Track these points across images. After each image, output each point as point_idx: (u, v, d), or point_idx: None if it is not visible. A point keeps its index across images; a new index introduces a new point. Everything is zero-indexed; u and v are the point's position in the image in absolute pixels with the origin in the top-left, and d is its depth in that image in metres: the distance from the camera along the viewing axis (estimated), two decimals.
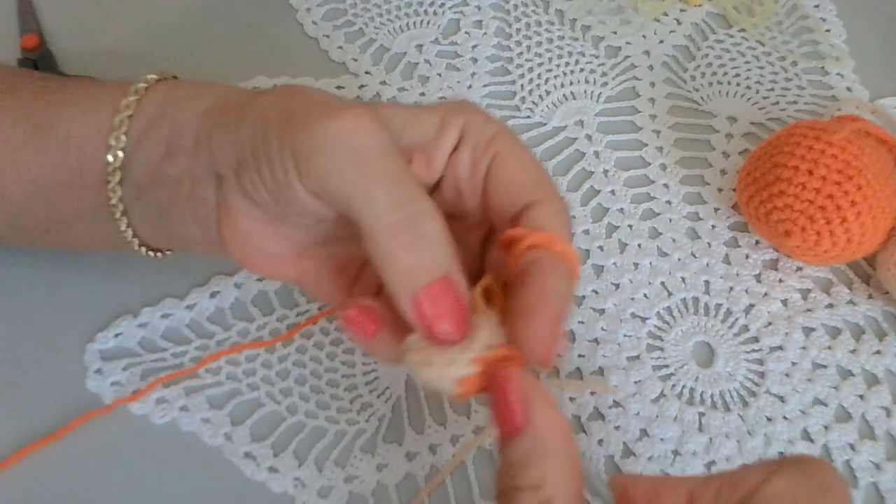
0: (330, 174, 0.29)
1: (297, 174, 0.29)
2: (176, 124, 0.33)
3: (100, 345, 0.41)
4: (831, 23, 0.54)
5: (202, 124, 0.32)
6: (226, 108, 0.32)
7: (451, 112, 0.32)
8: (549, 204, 0.31)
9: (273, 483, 0.38)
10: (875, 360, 0.41)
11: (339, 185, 0.29)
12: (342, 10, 0.55)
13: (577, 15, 0.54)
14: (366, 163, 0.28)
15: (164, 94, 0.34)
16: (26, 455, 0.38)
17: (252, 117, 0.31)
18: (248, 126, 0.30)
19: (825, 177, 0.39)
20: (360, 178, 0.28)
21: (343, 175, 0.28)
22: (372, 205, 0.28)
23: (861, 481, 0.37)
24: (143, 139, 0.34)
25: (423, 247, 0.28)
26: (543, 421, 0.27)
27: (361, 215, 0.28)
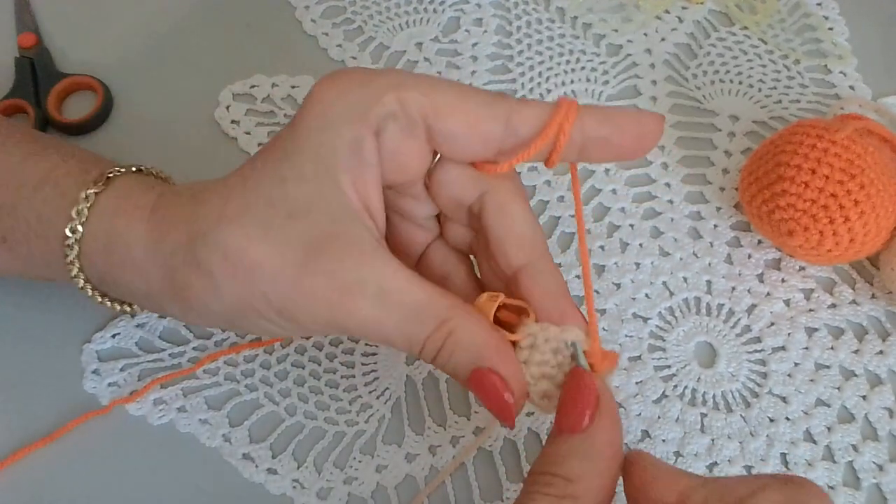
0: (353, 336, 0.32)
1: (305, 334, 0.33)
2: (132, 290, 0.33)
3: (97, 345, 0.41)
4: (834, 21, 0.53)
5: (163, 302, 0.33)
6: (183, 298, 0.32)
7: (347, 108, 0.31)
8: (516, 111, 0.31)
9: (272, 484, 0.37)
10: (878, 361, 0.40)
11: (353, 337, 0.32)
12: (341, 8, 0.54)
13: (578, 12, 0.54)
14: (371, 331, 0.30)
15: (102, 247, 0.33)
16: (23, 456, 0.38)
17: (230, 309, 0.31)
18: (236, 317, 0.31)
19: (828, 176, 0.39)
20: (381, 341, 0.31)
21: (366, 338, 0.32)
22: (402, 350, 0.31)
23: (864, 482, 0.37)
24: (104, 284, 0.34)
25: (453, 364, 0.30)
26: (604, 433, 0.28)
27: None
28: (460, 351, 0.30)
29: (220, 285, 0.30)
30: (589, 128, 0.30)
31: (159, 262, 0.32)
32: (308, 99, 0.31)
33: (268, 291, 0.30)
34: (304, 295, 0.29)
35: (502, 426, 0.34)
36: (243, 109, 0.49)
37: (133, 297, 0.34)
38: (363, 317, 0.30)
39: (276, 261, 0.29)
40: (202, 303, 0.31)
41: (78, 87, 0.50)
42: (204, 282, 0.30)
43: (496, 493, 0.37)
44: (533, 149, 0.30)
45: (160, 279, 0.32)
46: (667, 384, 0.40)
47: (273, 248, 0.30)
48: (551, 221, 0.45)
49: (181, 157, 0.47)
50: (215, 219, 0.31)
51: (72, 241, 0.33)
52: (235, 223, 0.30)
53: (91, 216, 0.33)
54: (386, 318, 0.30)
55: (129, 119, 0.49)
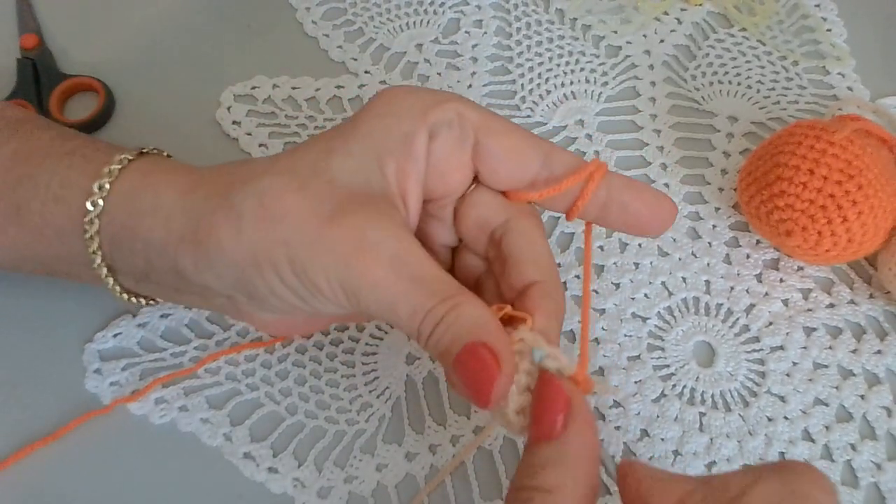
0: (357, 305, 0.31)
1: (313, 302, 0.31)
2: (147, 240, 0.33)
3: (99, 345, 0.41)
4: (832, 22, 0.53)
5: (180, 253, 0.32)
6: (205, 239, 0.31)
7: (403, 117, 0.32)
8: (556, 153, 0.34)
9: (272, 483, 0.37)
10: (876, 360, 0.41)
11: (368, 311, 0.31)
12: (342, 10, 0.55)
13: (578, 14, 0.54)
14: (376, 294, 0.30)
15: (127, 195, 0.33)
16: (25, 455, 0.38)
17: (247, 257, 0.31)
18: (250, 269, 0.31)
19: (826, 176, 0.39)
20: (382, 310, 0.31)
21: (367, 306, 0.30)
22: (400, 326, 0.31)
23: (862, 481, 0.37)
24: (116, 244, 0.34)
25: (451, 332, 0.30)
26: (578, 437, 0.28)
27: (397, 328, 0.32)
28: (460, 323, 0.30)
29: (244, 228, 0.31)
30: (615, 188, 0.33)
31: (188, 207, 0.32)
32: (375, 95, 0.33)
33: (289, 239, 0.30)
34: (324, 246, 0.30)
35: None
36: (244, 110, 0.49)
37: (147, 252, 0.33)
38: (375, 278, 0.30)
39: (306, 212, 0.30)
40: (220, 247, 0.31)
41: (80, 88, 0.50)
42: (230, 224, 0.31)
43: (496, 492, 0.37)
44: (564, 185, 0.33)
45: (183, 223, 0.32)
46: (665, 383, 0.40)
47: (306, 201, 0.31)
48: (551, 221, 0.45)
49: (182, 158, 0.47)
50: (259, 171, 0.32)
51: (96, 197, 0.33)
52: (277, 176, 0.31)
53: (121, 174, 0.33)
54: (396, 282, 0.30)
55: (130, 120, 0.49)
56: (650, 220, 0.33)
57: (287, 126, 0.49)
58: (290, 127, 0.49)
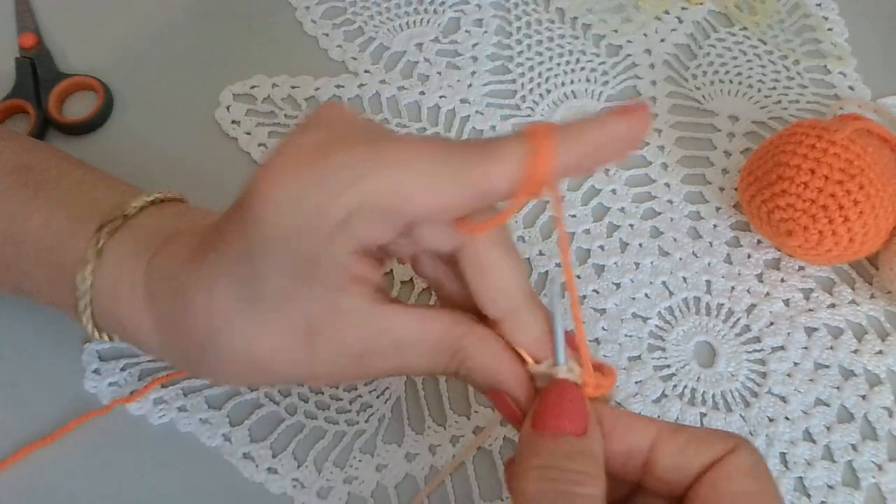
0: None
1: None
2: (130, 325, 0.33)
3: (98, 345, 0.41)
4: (833, 21, 0.53)
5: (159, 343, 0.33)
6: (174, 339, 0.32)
7: None
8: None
9: (272, 484, 0.37)
10: (877, 361, 0.40)
11: None
12: (341, 9, 0.54)
13: (578, 13, 0.54)
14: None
15: (110, 288, 0.33)
16: (24, 456, 0.38)
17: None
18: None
19: (827, 176, 0.39)
20: (398, 374, 0.32)
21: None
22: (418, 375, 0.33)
23: (863, 482, 0.37)
24: (104, 317, 0.34)
25: (470, 380, 0.31)
26: (598, 438, 0.29)
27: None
28: (475, 375, 0.30)
29: (239, 373, 0.31)
30: (565, 157, 0.27)
31: (171, 356, 0.33)
32: (257, 199, 0.27)
33: (288, 373, 0.31)
34: (321, 375, 0.31)
35: (475, 410, 0.36)
36: (244, 110, 0.49)
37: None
38: (383, 369, 0.31)
39: (282, 353, 0.30)
40: (216, 374, 0.32)
41: (78, 88, 0.50)
42: (221, 376, 0.32)
43: (496, 492, 0.37)
44: (507, 215, 0.28)
45: (177, 362, 0.34)
46: (666, 384, 0.40)
47: (276, 343, 0.29)
48: (551, 221, 0.45)
49: (181, 158, 0.47)
50: (211, 327, 0.30)
51: (82, 306, 0.33)
52: (229, 327, 0.30)
53: (93, 297, 0.33)
54: (405, 363, 0.30)
55: (129, 119, 0.49)
56: (614, 154, 0.28)
57: (286, 126, 0.49)
58: (290, 126, 0.49)
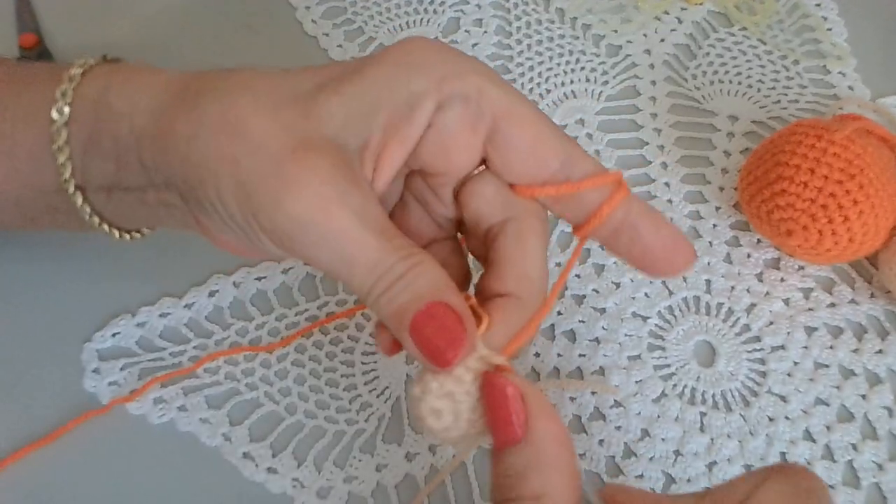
0: (302, 251, 0.28)
1: (270, 242, 0.29)
2: (117, 138, 0.31)
3: (97, 344, 0.41)
4: (833, 21, 0.53)
5: (142, 146, 0.30)
6: (162, 128, 0.30)
7: (417, 72, 0.29)
8: (579, 156, 0.30)
9: (272, 483, 0.37)
10: (877, 360, 0.40)
11: (314, 260, 0.28)
12: (342, 9, 0.55)
13: (578, 13, 0.54)
14: (336, 244, 0.28)
15: (94, 100, 0.32)
16: (24, 455, 0.38)
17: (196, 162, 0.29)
18: (195, 174, 0.29)
19: (827, 176, 0.39)
20: (335, 261, 0.28)
21: (317, 255, 0.28)
22: (355, 278, 0.28)
23: (863, 482, 0.37)
24: (88, 150, 0.32)
25: (407, 286, 0.28)
26: (544, 430, 0.26)
27: (347, 284, 0.28)
28: (421, 282, 0.28)
29: (200, 133, 0.28)
30: (633, 213, 0.30)
31: (156, 105, 0.30)
32: (397, 42, 0.30)
33: (241, 159, 0.28)
34: (281, 181, 0.27)
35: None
36: None
37: (115, 152, 0.31)
38: (336, 225, 0.27)
39: (268, 136, 0.28)
40: (175, 145, 0.29)
41: None
42: (189, 124, 0.29)
43: None
44: (581, 185, 0.30)
45: (148, 117, 0.30)
46: (666, 383, 0.40)
47: (272, 126, 0.28)
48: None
49: None
50: (237, 84, 0.29)
51: (61, 104, 0.31)
52: (252, 94, 0.29)
53: (85, 78, 0.32)
54: (359, 233, 0.27)
55: None
56: (661, 258, 0.30)
57: None
58: None
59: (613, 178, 0.30)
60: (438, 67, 0.29)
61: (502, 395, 0.27)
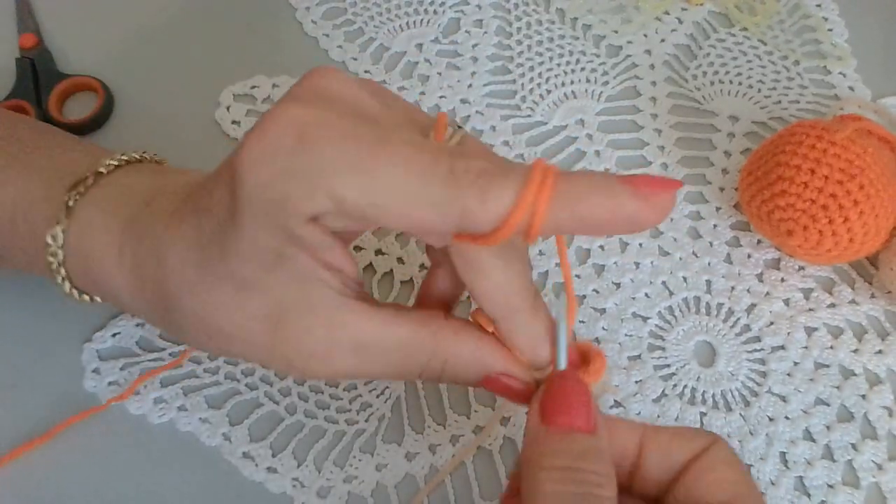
0: None
1: None
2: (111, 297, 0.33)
3: (97, 344, 0.41)
4: (833, 22, 0.53)
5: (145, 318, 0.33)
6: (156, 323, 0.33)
7: None
8: None
9: (272, 483, 0.37)
10: (877, 360, 0.40)
11: None
12: (342, 9, 0.55)
13: (578, 14, 0.54)
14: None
15: (81, 245, 0.33)
16: (22, 454, 0.38)
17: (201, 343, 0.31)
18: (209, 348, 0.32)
19: (827, 176, 0.39)
20: (367, 378, 0.32)
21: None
22: (395, 380, 0.32)
23: (863, 481, 0.37)
24: (79, 275, 0.33)
25: (459, 377, 0.31)
26: (605, 434, 0.28)
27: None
28: (462, 373, 0.30)
29: (199, 341, 0.31)
30: (563, 214, 0.26)
31: (141, 308, 0.32)
32: (236, 177, 0.27)
33: (245, 354, 0.30)
34: (283, 361, 0.29)
35: (475, 409, 0.35)
36: (244, 110, 0.49)
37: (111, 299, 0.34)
38: (347, 369, 0.29)
39: (245, 333, 0.29)
40: (185, 339, 0.32)
41: (79, 88, 0.50)
42: (184, 334, 0.31)
43: (496, 491, 0.37)
44: (490, 241, 0.26)
45: (149, 319, 0.34)
46: (666, 383, 0.40)
47: (238, 321, 0.29)
48: None
49: (182, 158, 0.47)
50: (180, 287, 0.30)
51: (55, 264, 0.33)
52: (196, 294, 0.29)
53: (66, 256, 0.33)
54: (371, 367, 0.29)
55: (129, 119, 0.49)
56: (621, 229, 0.26)
57: None
58: None
59: (530, 193, 0.25)
60: (289, 202, 0.26)
61: (585, 392, 0.29)
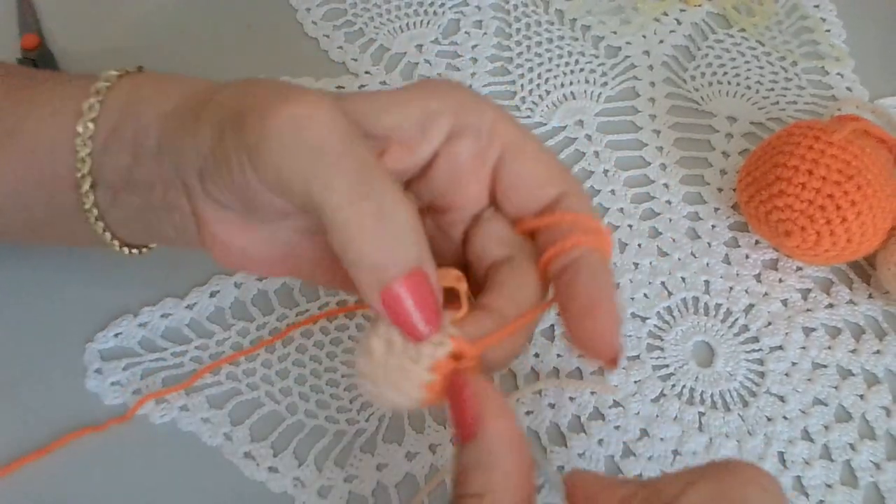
0: (284, 166, 0.27)
1: (252, 170, 0.27)
2: (139, 127, 0.32)
3: (99, 344, 0.41)
4: (831, 23, 0.53)
5: (164, 126, 0.31)
6: (187, 108, 0.31)
7: (437, 96, 0.30)
8: (576, 195, 0.31)
9: (273, 483, 0.38)
10: (875, 360, 0.41)
11: (295, 177, 0.26)
12: (342, 10, 0.55)
13: (577, 15, 0.54)
14: (322, 151, 0.26)
15: (126, 93, 0.33)
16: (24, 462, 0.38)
17: (208, 116, 0.29)
18: (205, 127, 0.29)
19: (825, 176, 0.39)
20: (317, 168, 0.26)
21: (299, 166, 0.26)
22: (331, 195, 0.26)
23: (861, 481, 0.37)
24: (108, 144, 0.33)
25: (392, 238, 0.26)
26: (494, 430, 0.26)
27: (322, 208, 0.26)
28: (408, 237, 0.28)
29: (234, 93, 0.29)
30: (582, 277, 0.29)
31: (190, 89, 0.32)
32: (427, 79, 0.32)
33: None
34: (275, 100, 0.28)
35: None
36: None
37: (135, 138, 0.32)
38: (317, 134, 0.27)
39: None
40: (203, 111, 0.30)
41: None
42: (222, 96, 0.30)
43: None
44: (562, 248, 0.29)
45: (178, 98, 0.32)
46: (665, 383, 0.40)
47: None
48: None
49: None
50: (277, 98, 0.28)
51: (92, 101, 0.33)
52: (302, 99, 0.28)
53: (124, 77, 0.33)
54: (345, 146, 0.27)
55: None
56: (580, 337, 0.29)
57: None
58: None
59: (599, 230, 0.30)
60: (457, 97, 0.30)
61: (459, 393, 0.27)
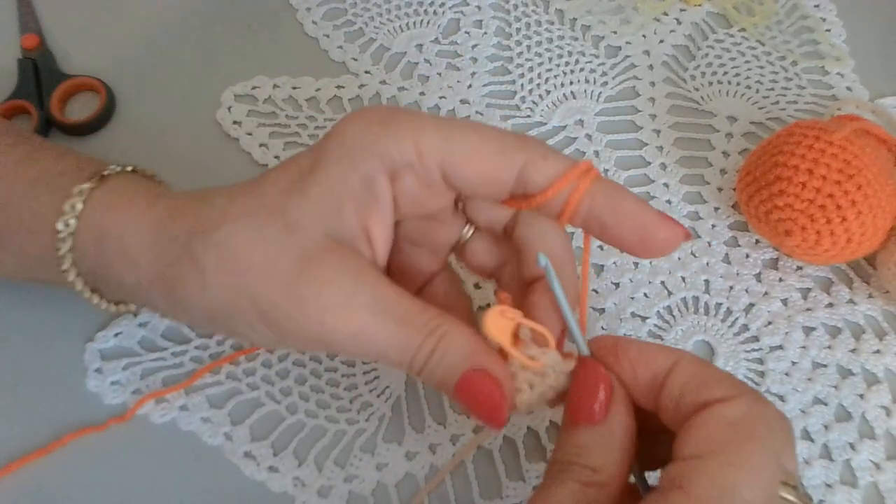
0: (339, 353, 0.35)
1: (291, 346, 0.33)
2: (121, 283, 0.33)
3: (100, 344, 0.41)
4: (831, 22, 0.53)
5: (154, 299, 0.33)
6: (172, 291, 0.32)
7: (362, 158, 0.31)
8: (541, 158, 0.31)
9: (273, 482, 0.38)
10: (875, 360, 0.41)
11: (352, 356, 0.34)
12: (342, 10, 0.55)
13: (577, 14, 0.54)
14: (362, 343, 0.30)
15: (92, 239, 0.33)
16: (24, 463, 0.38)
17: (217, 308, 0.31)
18: (220, 315, 0.31)
19: (825, 176, 0.39)
20: (370, 355, 0.31)
21: (352, 353, 0.31)
22: (392, 364, 0.31)
23: (861, 480, 0.38)
24: (94, 277, 0.34)
25: (445, 365, 0.30)
26: (621, 422, 0.29)
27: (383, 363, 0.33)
28: (452, 353, 0.30)
29: (209, 282, 0.31)
30: (597, 205, 0.30)
31: (153, 255, 0.32)
32: (331, 130, 0.32)
33: (256, 293, 0.30)
34: (295, 302, 0.30)
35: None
36: (245, 111, 0.49)
37: (123, 289, 0.34)
38: (356, 327, 0.30)
39: (269, 265, 0.30)
40: (189, 297, 0.31)
41: (80, 89, 0.50)
42: (194, 276, 0.31)
43: (496, 491, 0.37)
44: (537, 201, 0.30)
45: (150, 271, 0.32)
46: None
47: (267, 253, 0.30)
48: None
49: (183, 158, 0.47)
50: (217, 218, 0.31)
51: (64, 234, 0.33)
52: (234, 224, 0.31)
53: (85, 209, 0.33)
54: (380, 327, 0.30)
55: (131, 120, 0.49)
56: (634, 244, 0.31)
57: (287, 126, 0.49)
58: (291, 127, 0.49)
59: (577, 171, 0.30)
60: (380, 144, 0.30)
61: (594, 385, 0.29)
